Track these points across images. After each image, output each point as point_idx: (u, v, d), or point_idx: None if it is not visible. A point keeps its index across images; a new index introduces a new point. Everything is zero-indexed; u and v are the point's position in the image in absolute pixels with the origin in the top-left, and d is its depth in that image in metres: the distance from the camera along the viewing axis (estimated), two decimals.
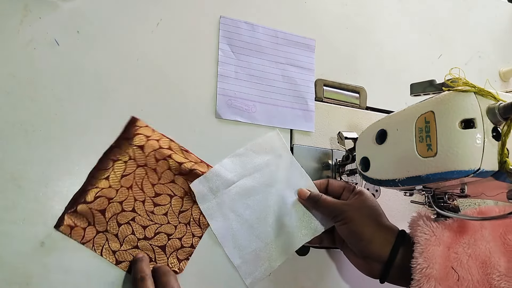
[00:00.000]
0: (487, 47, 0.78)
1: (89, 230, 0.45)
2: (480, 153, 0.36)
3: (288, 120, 0.58)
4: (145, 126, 0.49)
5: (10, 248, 0.42)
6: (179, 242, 0.49)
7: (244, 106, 0.56)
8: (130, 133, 0.49)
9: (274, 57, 0.59)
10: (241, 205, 0.52)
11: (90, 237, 0.45)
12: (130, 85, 0.51)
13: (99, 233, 0.46)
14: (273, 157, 0.55)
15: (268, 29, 0.59)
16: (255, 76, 0.57)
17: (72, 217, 0.45)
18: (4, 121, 0.44)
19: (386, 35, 0.69)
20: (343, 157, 0.57)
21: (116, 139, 0.48)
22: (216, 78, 0.55)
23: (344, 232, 0.49)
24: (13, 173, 0.44)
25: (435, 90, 0.41)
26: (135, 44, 0.52)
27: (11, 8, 0.47)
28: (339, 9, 0.66)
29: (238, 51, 0.57)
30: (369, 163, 0.47)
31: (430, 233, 0.44)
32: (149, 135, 0.49)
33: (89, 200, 0.45)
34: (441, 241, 0.43)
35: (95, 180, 0.46)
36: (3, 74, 0.45)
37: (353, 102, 0.64)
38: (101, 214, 0.46)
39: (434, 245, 0.43)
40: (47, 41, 0.47)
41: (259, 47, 0.58)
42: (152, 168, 0.49)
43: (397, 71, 0.69)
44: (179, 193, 0.50)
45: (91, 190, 0.46)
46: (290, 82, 0.59)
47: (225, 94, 0.55)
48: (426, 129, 0.39)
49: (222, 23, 0.57)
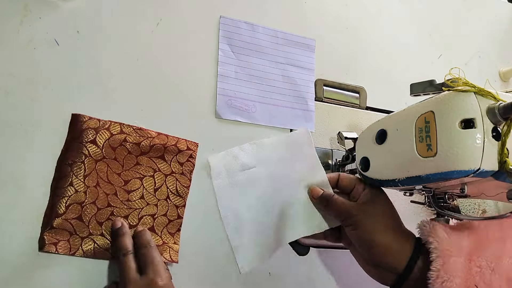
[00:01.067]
0: (487, 47, 0.78)
1: (73, 240, 0.44)
2: (480, 153, 0.36)
3: (288, 120, 0.58)
4: (88, 119, 0.47)
5: (10, 248, 0.42)
6: (165, 219, 0.49)
7: (244, 106, 0.56)
8: (76, 131, 0.46)
9: (274, 57, 0.59)
10: (251, 191, 0.53)
11: (77, 246, 0.44)
12: (130, 85, 0.51)
13: (84, 239, 0.45)
14: (296, 153, 0.55)
15: (268, 29, 0.59)
16: (255, 76, 0.57)
17: (51, 234, 0.43)
18: (4, 121, 0.44)
19: (386, 35, 0.69)
20: (343, 157, 0.57)
21: (64, 143, 0.46)
22: (216, 78, 0.55)
23: (354, 238, 0.46)
24: (13, 173, 0.44)
25: (435, 90, 0.41)
26: (135, 44, 0.52)
27: (11, 8, 0.47)
28: (339, 9, 0.66)
29: (238, 51, 0.57)
30: (369, 163, 0.47)
31: (450, 243, 0.41)
32: (97, 126, 0.47)
33: (62, 212, 0.44)
34: (461, 251, 0.40)
35: (60, 190, 0.44)
36: (3, 74, 0.45)
37: (353, 102, 0.64)
38: (79, 220, 0.45)
39: (455, 256, 0.40)
40: (47, 41, 0.47)
41: (259, 47, 0.58)
42: (112, 158, 0.47)
43: (397, 71, 0.69)
44: (148, 173, 0.49)
45: (60, 202, 0.44)
46: (290, 82, 0.59)
47: (225, 94, 0.55)
48: (426, 129, 0.39)
49: (222, 23, 0.57)
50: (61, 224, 0.44)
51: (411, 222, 0.62)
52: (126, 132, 0.49)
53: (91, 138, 0.46)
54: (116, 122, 0.48)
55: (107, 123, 0.47)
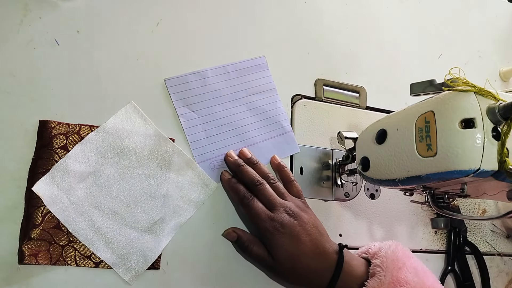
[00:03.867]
0: (487, 47, 0.78)
1: (53, 249, 0.43)
2: (480, 153, 0.36)
3: (271, 152, 0.55)
4: (57, 124, 0.45)
5: (10, 248, 0.42)
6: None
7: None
8: (46, 138, 0.45)
9: (233, 95, 0.55)
10: (103, 197, 0.46)
11: (57, 255, 0.43)
12: (130, 85, 0.51)
13: (64, 247, 0.44)
14: (133, 135, 0.49)
15: (216, 69, 0.55)
16: (224, 124, 0.54)
17: (30, 246, 0.42)
18: (4, 121, 0.44)
19: (386, 35, 0.69)
20: (343, 157, 0.57)
21: (35, 151, 0.44)
22: (189, 147, 0.51)
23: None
24: (13, 173, 0.44)
25: (435, 90, 0.41)
26: (135, 44, 0.52)
27: (11, 8, 0.47)
28: (339, 9, 0.66)
29: (197, 107, 0.53)
30: (369, 163, 0.47)
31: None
32: (66, 131, 0.46)
33: (38, 222, 0.43)
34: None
35: (35, 200, 0.43)
36: (3, 74, 0.45)
37: (353, 102, 0.64)
38: (57, 229, 0.44)
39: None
40: (47, 41, 0.47)
41: (216, 91, 0.54)
42: None
43: (397, 71, 0.69)
44: None
45: (35, 212, 0.43)
46: (259, 113, 0.56)
47: (204, 160, 0.52)
48: (426, 129, 0.39)
49: (168, 86, 0.52)
50: (39, 234, 0.42)
51: (411, 222, 0.63)
52: None
53: (62, 144, 0.45)
54: (86, 125, 0.47)
55: (76, 127, 0.46)
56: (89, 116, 0.48)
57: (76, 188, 0.45)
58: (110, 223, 0.46)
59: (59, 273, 0.43)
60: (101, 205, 0.46)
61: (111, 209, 0.46)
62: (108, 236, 0.45)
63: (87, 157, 0.46)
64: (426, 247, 0.62)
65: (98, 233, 0.45)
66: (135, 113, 0.49)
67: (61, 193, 0.44)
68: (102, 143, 0.47)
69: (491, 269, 0.64)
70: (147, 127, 0.50)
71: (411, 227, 0.63)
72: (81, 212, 0.45)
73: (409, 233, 0.62)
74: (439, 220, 0.62)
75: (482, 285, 0.63)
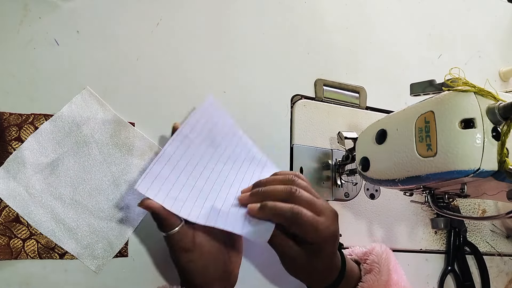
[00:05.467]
0: (487, 47, 0.78)
1: (14, 243, 0.42)
2: (480, 153, 0.36)
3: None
4: (9, 115, 0.44)
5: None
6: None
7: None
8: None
9: (210, 151, 0.49)
10: (63, 187, 0.45)
11: (19, 249, 0.42)
12: (130, 85, 0.51)
13: (26, 240, 0.43)
14: (90, 121, 0.48)
15: (175, 139, 0.46)
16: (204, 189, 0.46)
17: None
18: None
19: (386, 35, 0.69)
20: (343, 157, 0.57)
21: None
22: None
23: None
24: None
25: (435, 90, 0.41)
26: (135, 44, 0.52)
27: (11, 8, 0.47)
28: (339, 9, 0.66)
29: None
30: (369, 163, 0.47)
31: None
32: (19, 122, 0.45)
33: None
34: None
35: None
36: (3, 74, 0.45)
37: (353, 102, 0.64)
38: (17, 222, 0.43)
39: None
40: (47, 41, 0.48)
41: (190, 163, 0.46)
42: None
43: (397, 71, 0.69)
44: None
45: None
46: (232, 161, 0.50)
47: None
48: (426, 129, 0.39)
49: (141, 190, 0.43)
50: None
51: (411, 222, 0.63)
52: None
53: (15, 136, 0.44)
54: (41, 114, 0.46)
55: (30, 117, 0.45)
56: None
57: (33, 180, 0.44)
58: (72, 213, 0.45)
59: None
60: (61, 196, 0.45)
61: (72, 199, 0.45)
62: (71, 226, 0.45)
63: (44, 147, 0.45)
64: (426, 247, 0.62)
65: (60, 224, 0.44)
66: (92, 99, 0.48)
67: (17, 186, 0.44)
68: (58, 132, 0.46)
69: (491, 269, 0.64)
70: (105, 113, 0.48)
71: (411, 227, 0.63)
72: (40, 204, 0.44)
73: (409, 233, 0.62)
74: (439, 220, 0.62)
75: (482, 285, 0.63)
